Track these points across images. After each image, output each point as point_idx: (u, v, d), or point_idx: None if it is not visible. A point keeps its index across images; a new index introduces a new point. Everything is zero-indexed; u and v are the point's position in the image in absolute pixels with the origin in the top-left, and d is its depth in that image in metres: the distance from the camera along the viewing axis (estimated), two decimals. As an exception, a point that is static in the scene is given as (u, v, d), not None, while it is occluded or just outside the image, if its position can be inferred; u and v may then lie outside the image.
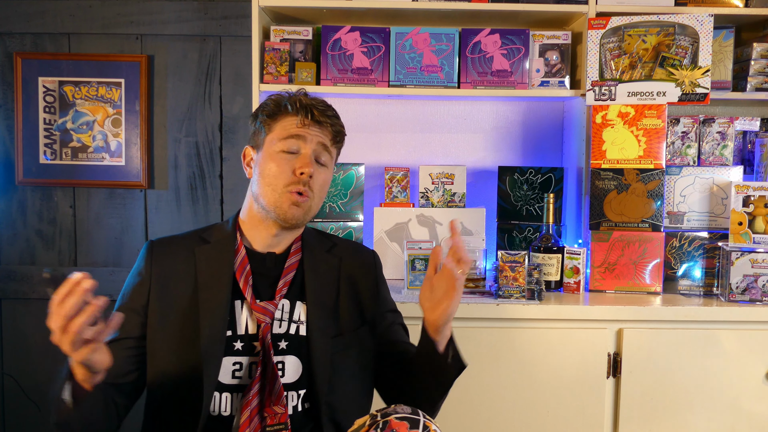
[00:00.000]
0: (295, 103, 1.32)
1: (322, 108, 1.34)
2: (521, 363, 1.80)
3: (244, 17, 2.32)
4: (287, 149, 1.31)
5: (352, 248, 1.47)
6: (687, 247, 2.07)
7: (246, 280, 1.31)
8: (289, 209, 1.29)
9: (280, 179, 1.29)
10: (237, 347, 1.29)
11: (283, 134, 1.31)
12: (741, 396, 1.81)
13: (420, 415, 1.10)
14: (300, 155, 1.31)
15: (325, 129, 1.34)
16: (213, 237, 1.36)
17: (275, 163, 1.30)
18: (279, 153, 1.30)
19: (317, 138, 1.33)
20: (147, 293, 1.30)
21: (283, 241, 1.36)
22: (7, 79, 2.37)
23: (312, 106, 1.33)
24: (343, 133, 1.40)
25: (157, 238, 1.38)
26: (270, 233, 1.34)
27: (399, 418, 1.08)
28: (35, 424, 2.43)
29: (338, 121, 1.38)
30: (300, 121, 1.31)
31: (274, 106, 1.34)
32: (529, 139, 2.36)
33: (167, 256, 1.33)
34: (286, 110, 1.33)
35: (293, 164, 1.30)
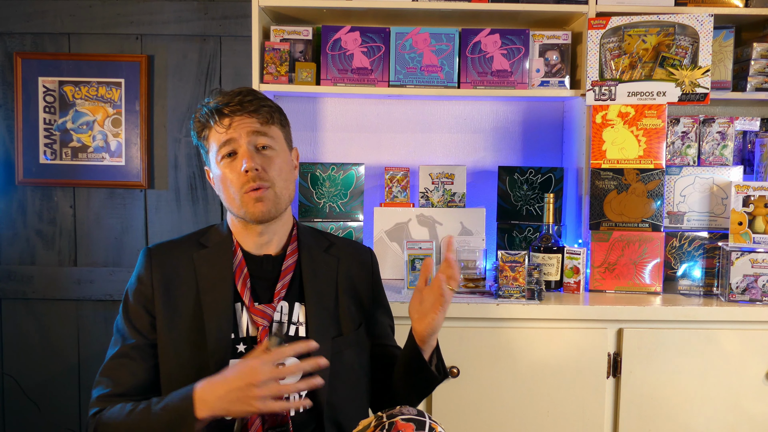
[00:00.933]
0: (208, 112, 1.30)
1: (237, 99, 1.30)
2: (521, 363, 1.80)
3: (244, 17, 2.32)
4: (226, 154, 1.29)
5: (349, 247, 1.46)
6: (687, 247, 2.07)
7: (244, 283, 1.31)
8: (254, 207, 1.28)
9: (233, 185, 1.28)
10: (240, 350, 1.29)
11: (216, 144, 1.30)
12: (741, 396, 1.81)
13: (426, 417, 1.10)
14: (239, 154, 1.28)
15: (248, 115, 1.29)
16: (210, 241, 1.36)
17: (224, 172, 1.29)
18: (222, 161, 1.29)
19: (244, 129, 1.29)
20: (152, 297, 1.30)
21: (274, 238, 1.35)
22: (7, 79, 2.37)
23: (223, 105, 1.29)
24: (272, 108, 1.33)
25: (154, 244, 1.37)
26: (255, 233, 1.34)
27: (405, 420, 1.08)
28: (35, 424, 2.43)
29: (259, 102, 1.31)
30: (219, 124, 1.29)
31: (197, 123, 1.33)
32: (529, 139, 2.36)
33: (166, 261, 1.33)
34: (207, 122, 1.31)
35: (237, 166, 1.28)
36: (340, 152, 2.36)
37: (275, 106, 1.35)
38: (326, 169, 2.16)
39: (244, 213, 1.29)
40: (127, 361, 1.28)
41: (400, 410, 1.10)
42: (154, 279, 1.31)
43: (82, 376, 2.43)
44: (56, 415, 2.43)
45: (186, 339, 1.28)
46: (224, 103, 1.29)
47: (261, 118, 1.30)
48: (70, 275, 2.40)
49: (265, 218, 1.30)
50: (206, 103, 1.32)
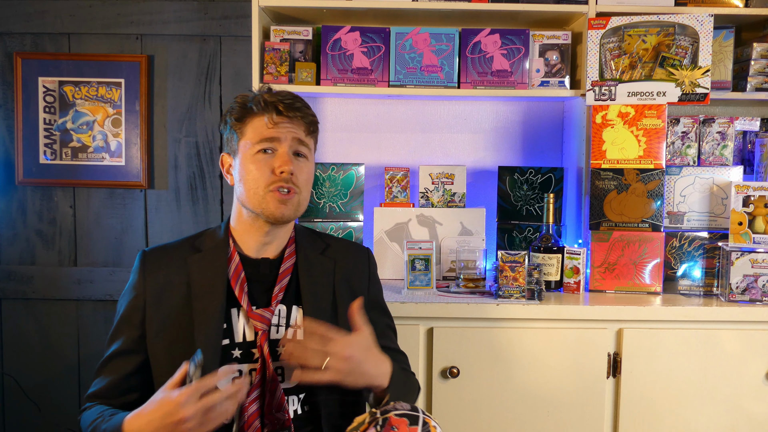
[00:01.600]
0: (260, 102, 1.30)
1: (289, 101, 1.31)
2: (521, 363, 1.80)
3: (244, 17, 2.33)
4: (263, 150, 1.29)
5: (345, 248, 1.46)
6: (687, 247, 2.07)
7: (241, 287, 1.31)
8: (276, 209, 1.28)
9: (260, 181, 1.27)
10: (236, 355, 1.29)
11: (255, 137, 1.29)
12: (741, 396, 1.81)
13: (419, 411, 1.10)
14: (277, 154, 1.29)
15: (297, 121, 1.31)
16: (205, 245, 1.35)
17: (254, 166, 1.28)
18: (255, 155, 1.28)
19: (290, 133, 1.30)
20: (143, 307, 1.30)
21: (275, 241, 1.35)
22: (7, 79, 2.37)
23: (278, 101, 1.30)
24: (315, 122, 1.36)
25: (150, 248, 1.38)
26: (261, 233, 1.33)
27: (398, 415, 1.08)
28: (35, 424, 2.43)
29: (308, 111, 1.34)
30: (269, 119, 1.29)
31: (240, 108, 1.32)
32: (529, 139, 2.36)
33: (160, 267, 1.33)
34: (253, 111, 1.30)
35: (272, 164, 1.28)
36: (340, 152, 2.36)
37: (317, 118, 1.37)
38: (326, 169, 2.16)
39: (263, 209, 1.28)
40: (118, 361, 1.31)
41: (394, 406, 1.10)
42: (147, 286, 1.31)
43: (82, 376, 2.43)
44: (56, 415, 2.43)
45: (176, 345, 1.28)
46: (282, 101, 1.30)
47: (306, 128, 1.33)
48: (70, 275, 2.40)
49: (281, 220, 1.30)
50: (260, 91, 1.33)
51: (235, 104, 1.33)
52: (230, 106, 1.34)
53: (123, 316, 1.32)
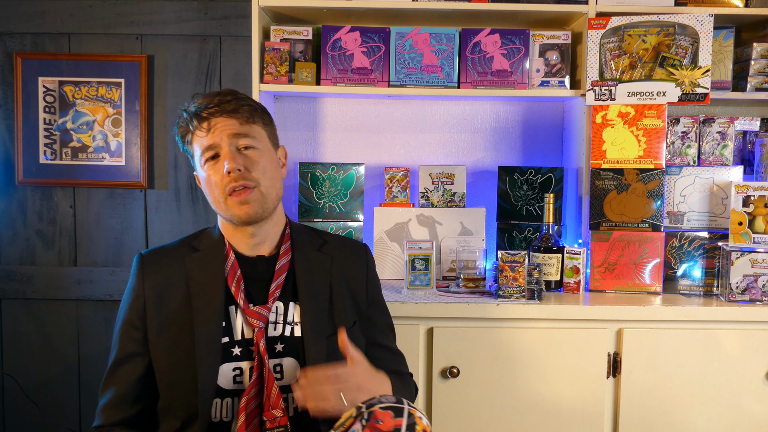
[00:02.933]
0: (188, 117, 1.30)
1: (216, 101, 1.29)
2: (521, 363, 1.80)
3: (244, 17, 2.32)
4: (209, 158, 1.28)
5: (342, 245, 1.45)
6: (687, 247, 2.07)
7: (238, 285, 1.31)
8: (239, 210, 1.27)
9: (217, 187, 1.28)
10: (236, 353, 1.29)
11: (199, 149, 1.29)
12: (741, 396, 1.81)
13: (404, 403, 1.10)
14: (221, 157, 1.28)
15: (228, 116, 1.28)
16: (202, 245, 1.36)
17: (207, 175, 1.29)
18: (206, 165, 1.29)
19: (224, 131, 1.27)
20: (143, 308, 1.31)
21: (267, 239, 1.35)
22: (7, 79, 2.37)
23: (198, 109, 1.29)
24: (254, 106, 1.32)
25: (147, 250, 1.38)
26: (247, 235, 1.33)
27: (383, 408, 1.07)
28: (35, 424, 2.43)
29: (240, 101, 1.30)
30: (199, 129, 1.28)
31: (180, 130, 1.33)
32: (529, 139, 2.36)
33: (158, 268, 1.33)
34: (188, 127, 1.31)
35: (220, 168, 1.27)
36: (340, 152, 2.36)
37: (257, 105, 1.33)
38: (326, 169, 2.16)
39: (230, 216, 1.29)
40: (124, 367, 1.31)
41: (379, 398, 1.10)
42: (146, 288, 1.32)
43: (82, 376, 2.43)
44: (56, 415, 2.43)
45: (178, 344, 1.28)
46: (203, 106, 1.28)
47: (241, 118, 1.29)
48: (70, 275, 2.40)
49: (252, 220, 1.29)
50: (186, 107, 1.32)
51: (177, 126, 1.34)
52: (175, 128, 1.35)
53: (125, 320, 1.33)
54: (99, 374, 2.07)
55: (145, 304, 1.31)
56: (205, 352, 1.26)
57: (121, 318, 1.33)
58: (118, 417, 1.30)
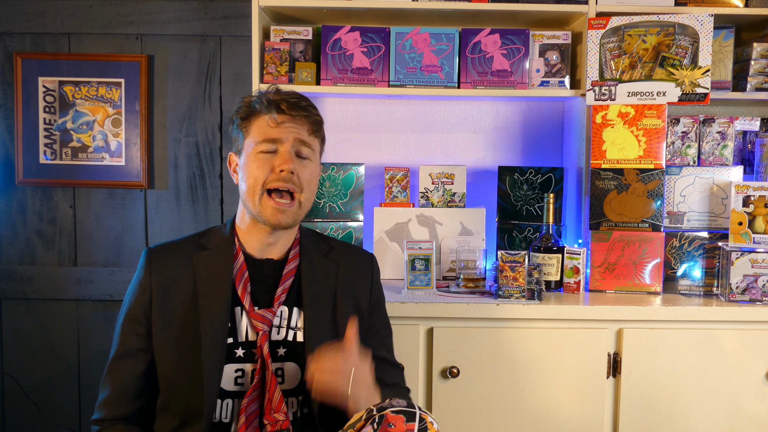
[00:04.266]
0: (264, 101, 1.30)
1: (293, 101, 1.30)
2: (521, 363, 1.80)
3: (244, 17, 2.33)
4: (266, 150, 1.28)
5: (349, 253, 1.45)
6: (687, 247, 2.07)
7: (244, 287, 1.30)
8: (273, 216, 1.28)
9: (260, 179, 1.27)
10: (239, 354, 1.29)
11: (259, 136, 1.28)
12: (741, 396, 1.81)
13: (416, 408, 1.10)
14: (278, 153, 1.28)
15: (300, 121, 1.30)
16: (211, 243, 1.35)
17: (255, 164, 1.28)
18: (258, 154, 1.28)
19: (293, 133, 1.29)
20: (149, 303, 1.30)
21: (279, 242, 1.35)
22: (7, 79, 2.37)
23: (281, 100, 1.29)
24: (319, 121, 1.35)
25: (155, 245, 1.37)
26: (264, 234, 1.33)
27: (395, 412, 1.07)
28: (35, 424, 2.43)
29: (313, 110, 1.33)
30: (271, 118, 1.29)
31: (245, 108, 1.32)
32: (529, 139, 2.36)
33: (166, 263, 1.33)
34: (257, 110, 1.30)
35: (272, 162, 1.27)
36: (340, 152, 2.36)
37: (321, 118, 1.35)
38: (326, 169, 2.16)
39: (258, 213, 1.28)
40: (126, 362, 1.30)
41: (390, 402, 1.10)
42: (153, 283, 1.31)
43: (82, 376, 2.43)
44: (56, 415, 2.43)
45: (182, 342, 1.28)
46: (285, 100, 1.29)
47: (310, 128, 1.31)
48: (70, 275, 2.40)
49: (280, 227, 1.30)
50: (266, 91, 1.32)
51: (241, 104, 1.33)
52: (238, 106, 1.34)
53: (129, 313, 1.32)
54: (99, 374, 2.07)
55: (151, 298, 1.30)
56: (210, 351, 1.26)
57: (125, 312, 1.32)
58: (118, 412, 1.29)
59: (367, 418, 1.08)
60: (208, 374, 1.25)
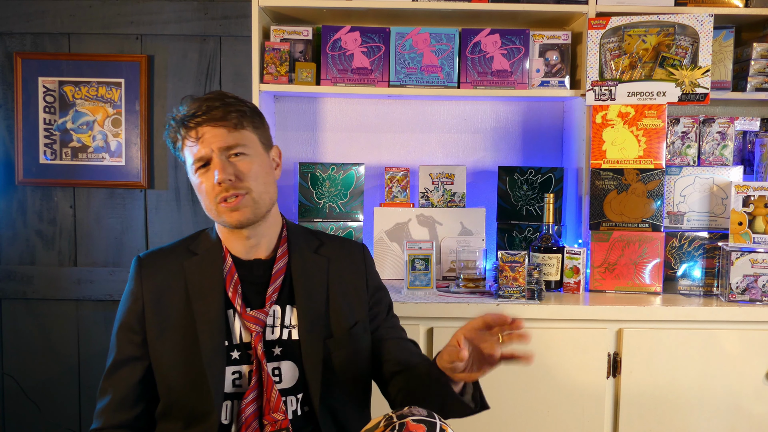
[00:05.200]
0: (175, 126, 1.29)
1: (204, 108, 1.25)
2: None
3: (244, 17, 2.32)
4: (200, 166, 1.27)
5: (339, 246, 1.43)
6: (687, 247, 2.07)
7: (235, 289, 1.30)
8: (230, 217, 1.26)
9: (209, 196, 1.26)
10: (234, 356, 1.29)
11: (189, 158, 1.27)
12: (741, 396, 1.81)
13: (436, 418, 1.09)
14: (211, 166, 1.25)
15: (216, 124, 1.25)
16: (200, 248, 1.35)
17: (198, 183, 1.28)
18: (196, 173, 1.27)
19: (215, 143, 1.25)
20: (142, 311, 1.30)
21: (262, 241, 1.34)
22: (7, 79, 2.37)
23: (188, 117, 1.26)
24: (243, 111, 1.28)
25: (145, 253, 1.37)
26: (242, 238, 1.32)
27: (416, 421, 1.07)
28: (35, 424, 2.43)
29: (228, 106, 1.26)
30: (188, 138, 1.26)
31: (170, 136, 1.31)
32: (529, 139, 2.36)
33: (156, 271, 1.33)
34: (176, 136, 1.29)
35: (211, 176, 1.25)
36: (340, 152, 2.36)
37: (247, 108, 1.30)
38: (326, 169, 2.16)
39: (223, 221, 1.28)
40: (123, 370, 1.31)
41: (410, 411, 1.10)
42: (145, 291, 1.31)
43: (82, 376, 2.43)
44: (56, 415, 2.43)
45: (179, 348, 1.28)
46: (190, 114, 1.26)
47: (230, 125, 1.26)
48: (70, 275, 2.40)
49: (243, 225, 1.28)
50: (174, 115, 1.30)
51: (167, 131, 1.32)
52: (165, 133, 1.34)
53: (123, 323, 1.32)
54: (99, 374, 2.06)
55: (144, 307, 1.30)
56: (211, 357, 1.26)
57: (119, 321, 1.33)
58: (117, 420, 1.29)
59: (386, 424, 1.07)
60: (212, 378, 1.25)
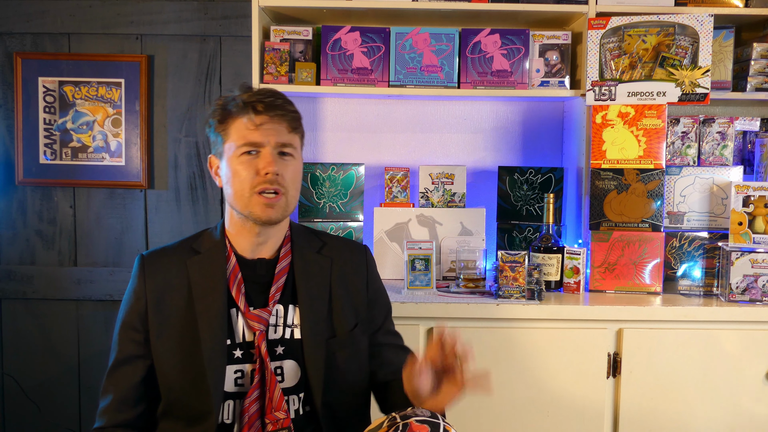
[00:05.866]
0: (239, 103, 1.27)
1: (269, 100, 1.28)
2: (521, 363, 1.80)
3: (244, 17, 2.32)
4: (247, 152, 1.27)
5: (342, 247, 1.44)
6: (687, 247, 2.07)
7: (238, 288, 1.30)
8: (263, 212, 1.27)
9: (246, 183, 1.26)
10: (237, 355, 1.29)
11: (239, 140, 1.27)
12: (741, 396, 1.81)
13: (440, 419, 1.09)
14: (261, 155, 1.27)
15: (278, 120, 1.28)
16: (203, 246, 1.35)
17: (239, 168, 1.27)
18: (240, 157, 1.27)
19: (273, 135, 1.27)
20: (144, 310, 1.30)
21: (269, 240, 1.34)
22: (7, 79, 2.37)
23: (257, 101, 1.27)
24: (297, 118, 1.33)
25: (148, 251, 1.37)
26: (253, 234, 1.32)
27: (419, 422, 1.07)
28: (35, 424, 2.43)
29: (289, 107, 1.31)
30: (249, 120, 1.27)
31: (221, 111, 1.30)
32: (529, 139, 2.36)
33: (159, 269, 1.32)
34: (233, 113, 1.28)
35: (256, 165, 1.26)
36: (340, 152, 2.36)
37: (299, 114, 1.34)
38: (326, 169, 2.16)
39: (249, 212, 1.27)
40: (125, 369, 1.31)
41: (414, 411, 1.10)
42: (147, 290, 1.31)
43: (82, 376, 2.43)
44: (56, 415, 2.43)
45: (181, 347, 1.28)
46: (261, 100, 1.27)
47: (289, 126, 1.30)
48: (70, 275, 2.40)
49: (270, 223, 1.29)
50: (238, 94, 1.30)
51: (216, 107, 1.31)
52: (212, 109, 1.32)
53: (125, 321, 1.32)
54: (99, 374, 2.07)
55: (146, 305, 1.30)
56: (211, 355, 1.26)
57: (121, 319, 1.33)
58: (119, 419, 1.29)
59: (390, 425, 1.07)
60: (212, 377, 1.25)
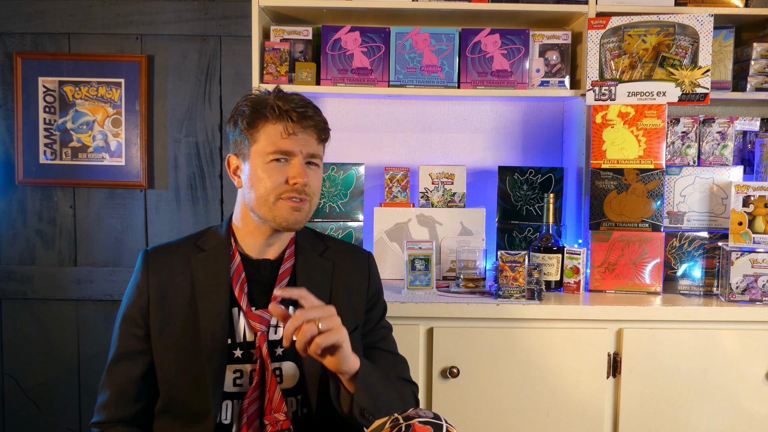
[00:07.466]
0: (274, 109, 1.26)
1: (302, 109, 1.28)
2: (521, 363, 1.80)
3: (244, 17, 2.33)
4: (276, 159, 1.27)
5: (345, 251, 1.45)
6: (687, 247, 2.07)
7: (241, 288, 1.30)
8: (290, 215, 1.27)
9: (273, 189, 1.26)
10: (237, 355, 1.29)
11: (269, 146, 1.26)
12: (741, 396, 1.81)
13: (442, 420, 1.09)
14: (291, 164, 1.27)
15: (310, 130, 1.29)
16: (208, 244, 1.35)
17: (267, 174, 1.26)
18: (269, 164, 1.27)
19: (305, 146, 1.28)
20: (146, 305, 1.30)
21: (276, 243, 1.35)
22: (7, 79, 2.37)
23: (291, 110, 1.26)
24: (327, 129, 1.34)
25: (152, 247, 1.37)
26: (265, 236, 1.32)
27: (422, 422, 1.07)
28: (35, 424, 2.43)
29: (320, 118, 1.32)
30: (283, 129, 1.26)
31: (251, 113, 1.27)
32: (529, 139, 2.36)
33: (163, 266, 1.32)
34: (265, 117, 1.27)
35: (285, 173, 1.26)
36: (340, 152, 2.36)
37: (328, 125, 1.35)
38: (326, 169, 2.16)
39: (274, 217, 1.27)
40: (125, 364, 1.30)
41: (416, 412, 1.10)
42: (150, 285, 1.31)
43: (82, 376, 2.43)
44: (56, 415, 2.43)
45: (181, 344, 1.28)
46: (295, 109, 1.26)
47: (318, 137, 1.31)
48: (70, 275, 2.40)
49: (294, 227, 1.30)
50: (273, 95, 1.29)
51: (246, 107, 1.29)
52: (241, 109, 1.30)
53: (126, 316, 1.32)
54: (99, 374, 2.07)
55: (148, 301, 1.30)
56: (211, 354, 1.26)
57: (123, 314, 1.32)
58: (118, 414, 1.29)
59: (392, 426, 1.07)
60: (212, 376, 1.25)
